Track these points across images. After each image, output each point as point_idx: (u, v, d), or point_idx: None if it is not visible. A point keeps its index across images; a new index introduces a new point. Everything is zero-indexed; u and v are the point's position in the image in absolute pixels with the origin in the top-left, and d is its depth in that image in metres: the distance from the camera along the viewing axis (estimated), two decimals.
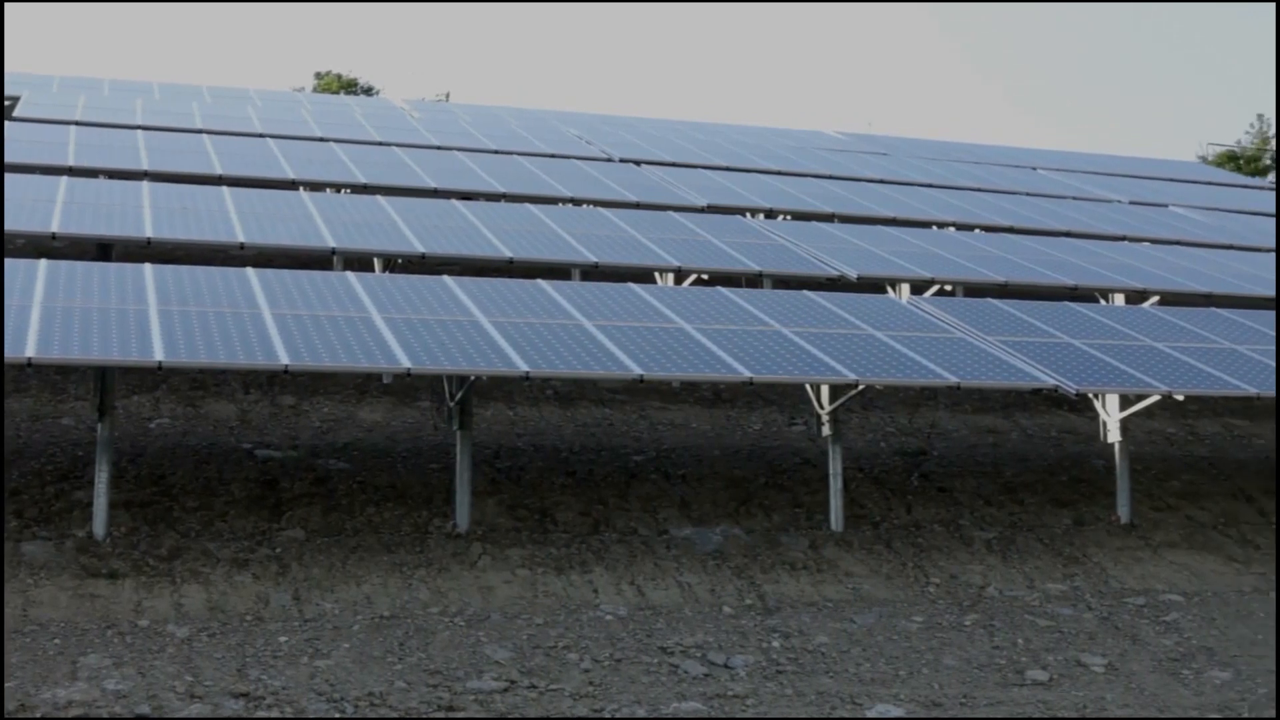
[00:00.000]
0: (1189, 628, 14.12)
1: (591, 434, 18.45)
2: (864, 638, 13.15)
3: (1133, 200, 35.17)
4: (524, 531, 15.01)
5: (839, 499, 16.10)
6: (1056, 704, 11.70)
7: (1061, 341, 17.99)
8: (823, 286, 21.29)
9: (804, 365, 15.60)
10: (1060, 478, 18.57)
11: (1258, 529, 17.56)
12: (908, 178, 34.47)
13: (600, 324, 16.16)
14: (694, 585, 14.21)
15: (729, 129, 43.09)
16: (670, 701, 11.21)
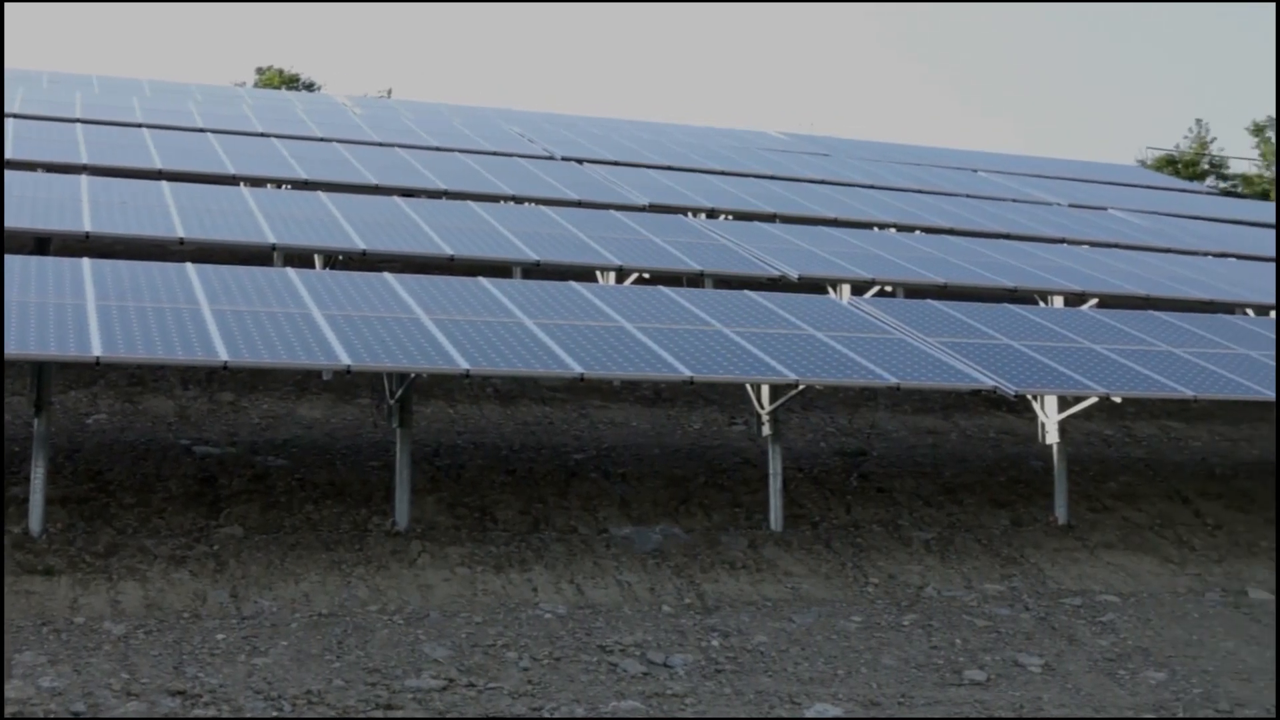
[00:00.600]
0: (1125, 628, 14.21)
1: (532, 432, 18.44)
2: (803, 637, 13.18)
3: (1072, 203, 35.38)
4: (463, 530, 14.98)
5: (778, 499, 16.13)
6: (994, 704, 11.76)
7: (1001, 343, 18.08)
8: (764, 286, 21.33)
9: (745, 365, 15.62)
10: (998, 478, 18.66)
11: (1193, 530, 17.69)
12: (849, 178, 34.58)
13: (541, 322, 16.14)
14: (633, 584, 14.21)
15: (672, 128, 43.14)
16: (609, 700, 11.21)
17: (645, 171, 31.42)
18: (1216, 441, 21.98)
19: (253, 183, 25.18)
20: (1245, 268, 28.30)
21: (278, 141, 29.55)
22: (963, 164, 41.05)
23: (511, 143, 33.99)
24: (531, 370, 14.60)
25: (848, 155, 39.81)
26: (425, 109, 41.74)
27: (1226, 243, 31.78)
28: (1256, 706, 12.08)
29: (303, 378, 19.23)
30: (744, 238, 23.95)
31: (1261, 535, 17.74)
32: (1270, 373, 18.42)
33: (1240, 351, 19.26)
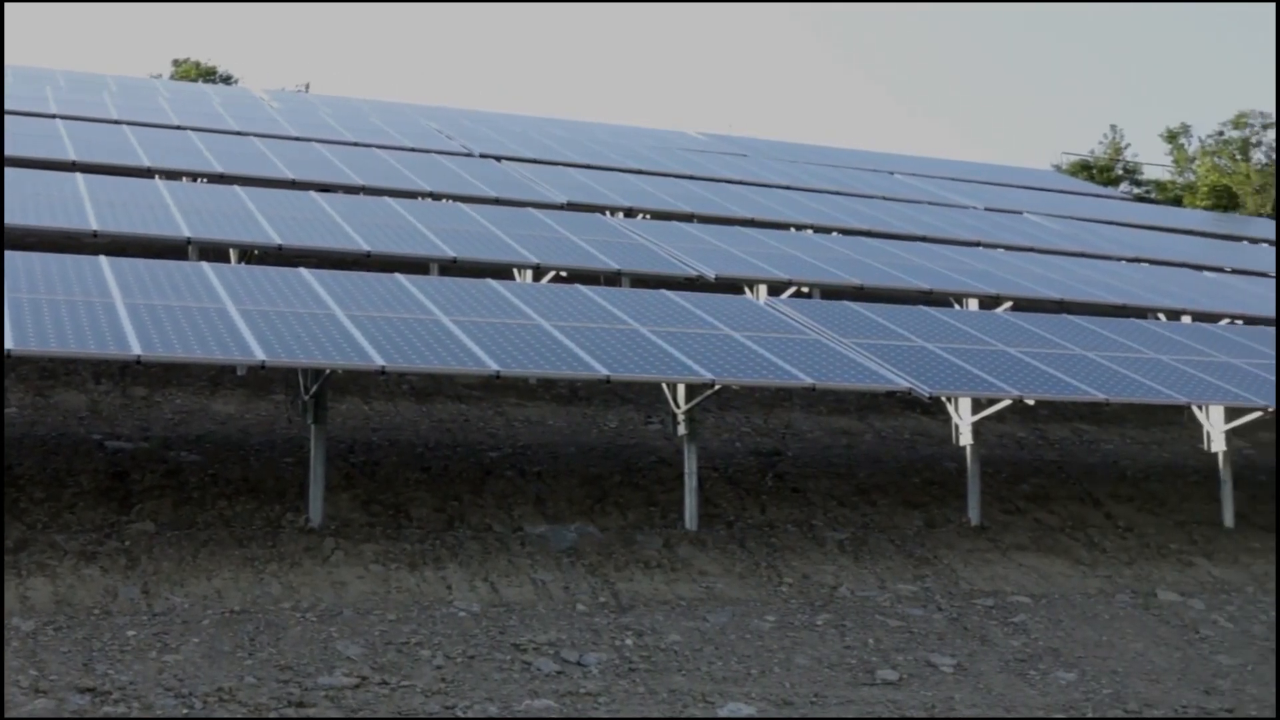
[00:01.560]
0: (1036, 629, 14.32)
1: (447, 430, 18.39)
2: (717, 636, 13.20)
3: (988, 207, 35.64)
4: (378, 527, 14.92)
5: (694, 498, 16.16)
6: (906, 704, 11.83)
7: (916, 345, 18.17)
8: (681, 286, 21.35)
9: (661, 364, 15.64)
10: (912, 479, 18.75)
11: (1104, 532, 17.84)
12: (767, 179, 34.71)
13: (458, 320, 16.10)
14: (548, 583, 14.19)
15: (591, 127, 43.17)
16: (523, 699, 11.20)
17: (564, 170, 31.42)
18: (1128, 444, 22.18)
19: (168, 176, 25.00)
20: (1158, 273, 28.60)
21: (194, 135, 29.36)
22: (880, 166, 41.27)
23: (430, 139, 33.92)
24: (448, 367, 14.56)
25: (766, 156, 39.96)
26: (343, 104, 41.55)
27: (1140, 248, 32.11)
28: (1165, 707, 12.21)
29: (217, 373, 19.10)
30: (662, 237, 23.98)
31: (1171, 538, 17.93)
32: (1180, 375, 18.61)
33: (1151, 355, 19.45)
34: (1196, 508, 19.12)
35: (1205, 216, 44.80)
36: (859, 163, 41.66)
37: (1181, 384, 18.31)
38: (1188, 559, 17.31)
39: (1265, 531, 18.64)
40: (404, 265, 21.04)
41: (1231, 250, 35.95)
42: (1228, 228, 41.41)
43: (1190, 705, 12.35)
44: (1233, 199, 50.08)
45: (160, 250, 21.32)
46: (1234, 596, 16.22)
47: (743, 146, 42.12)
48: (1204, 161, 54.07)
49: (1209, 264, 31.44)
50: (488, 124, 39.22)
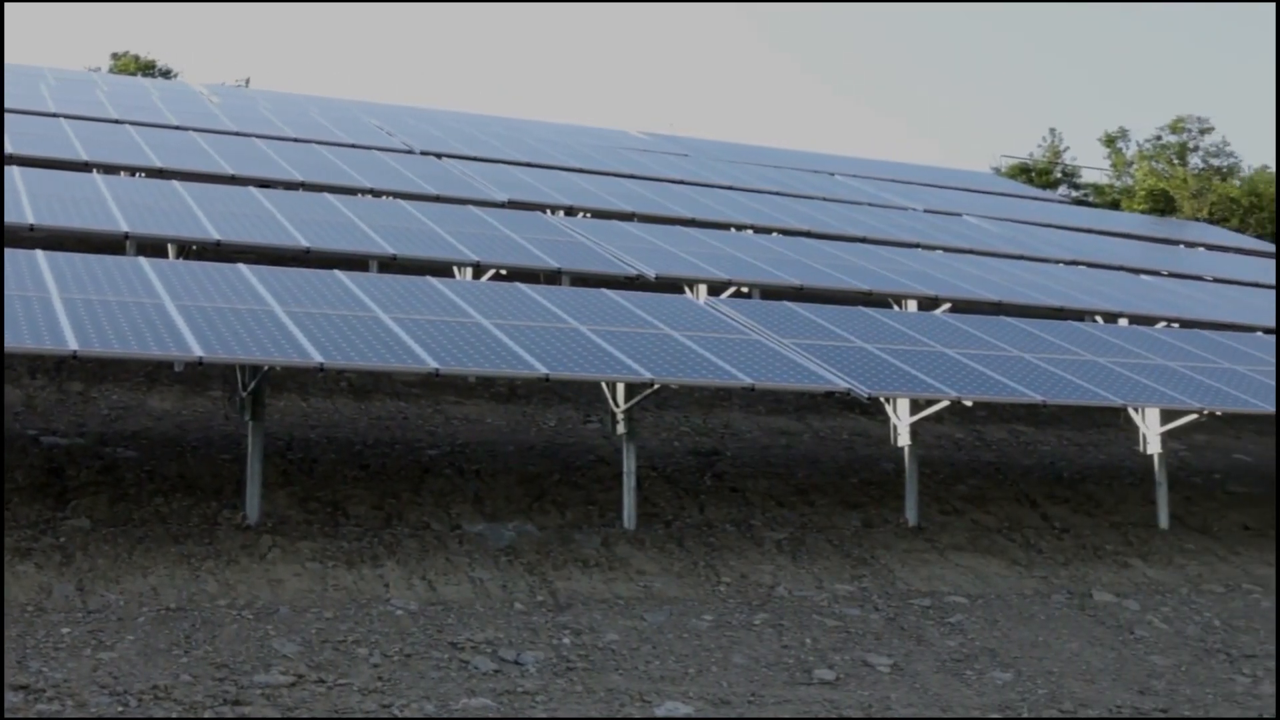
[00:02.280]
0: (972, 629, 14.38)
1: (386, 427, 18.34)
2: (654, 635, 13.21)
3: (927, 209, 35.78)
4: (315, 524, 14.87)
5: (632, 497, 16.16)
6: (843, 703, 11.86)
7: (855, 345, 18.23)
8: (621, 285, 21.35)
9: (600, 363, 15.63)
10: (850, 480, 18.81)
11: (1040, 533, 17.94)
12: (708, 179, 34.74)
13: (397, 317, 16.06)
14: (486, 581, 14.17)
15: (533, 125, 43.12)
16: (460, 698, 11.18)
17: (505, 168, 31.38)
18: (1064, 446, 22.31)
19: (106, 170, 24.84)
20: (1095, 275, 28.76)
21: (132, 129, 29.18)
22: (820, 167, 41.36)
23: (370, 136, 33.80)
24: (386, 365, 14.52)
25: (708, 156, 40.01)
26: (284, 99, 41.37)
27: (1078, 251, 32.30)
28: (1099, 707, 12.29)
29: (154, 369, 18.99)
30: (602, 236, 23.97)
31: (1106, 539, 18.04)
32: (1116, 378, 18.73)
33: (1088, 358, 19.57)
34: (1132, 509, 19.25)
35: (1142, 220, 45.08)
36: (800, 163, 41.75)
37: (1118, 386, 18.42)
38: (1123, 560, 17.42)
39: (1199, 533, 18.79)
40: (343, 262, 20.97)
41: (1168, 254, 36.21)
42: (1165, 232, 41.69)
43: (1125, 705, 12.42)
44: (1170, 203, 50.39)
45: (98, 245, 21.17)
46: (1168, 598, 16.34)
47: (684, 146, 42.15)
48: (1142, 165, 54.40)
49: (1146, 268, 31.66)
50: (429, 121, 39.13)
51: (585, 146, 37.49)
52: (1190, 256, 36.84)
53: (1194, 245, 39.56)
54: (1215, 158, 54.94)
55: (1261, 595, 16.84)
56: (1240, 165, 54.38)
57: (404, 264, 21.20)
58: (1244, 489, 21.28)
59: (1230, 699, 12.93)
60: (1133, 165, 55.29)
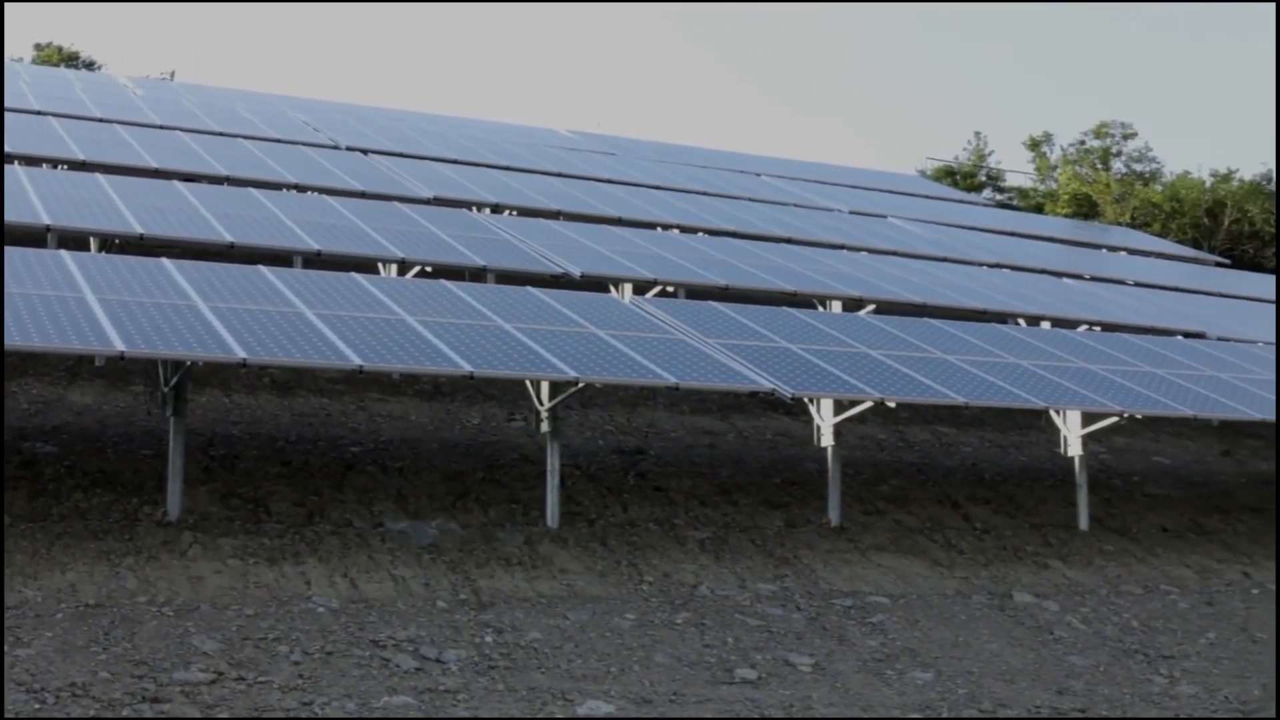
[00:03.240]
0: (894, 629, 14.45)
1: (309, 424, 18.26)
2: (577, 634, 13.21)
3: (853, 210, 35.94)
4: (236, 521, 14.78)
5: (556, 495, 16.15)
6: (764, 702, 11.89)
7: (780, 346, 18.28)
8: (547, 283, 21.34)
9: (525, 361, 15.62)
10: (774, 480, 18.86)
11: (962, 534, 18.04)
12: (635, 178, 34.77)
13: (321, 313, 15.99)
14: (408, 579, 14.13)
15: (459, 122, 43.02)
16: (381, 695, 11.15)
17: (431, 164, 31.32)
18: (986, 447, 22.44)
19: (28, 162, 24.62)
20: (1018, 278, 28.98)
21: (55, 120, 28.93)
22: (747, 168, 41.46)
23: (297, 131, 33.64)
24: (310, 361, 14.45)
25: (635, 155, 40.03)
26: (209, 93, 41.11)
27: (1001, 254, 32.52)
28: (1019, 707, 12.37)
29: (75, 363, 18.84)
30: (528, 234, 23.97)
31: (1027, 540, 18.15)
32: (1038, 380, 18.86)
33: (1011, 360, 19.69)
34: (1052, 511, 19.38)
35: (1066, 224, 45.43)
36: (727, 164, 41.83)
37: (1040, 388, 18.55)
38: (1043, 561, 17.54)
39: (1118, 535, 18.94)
40: (267, 257, 20.88)
41: (1091, 258, 36.53)
42: (1087, 236, 42.06)
43: (1043, 705, 12.51)
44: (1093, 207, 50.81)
45: (19, 238, 20.95)
46: (1088, 598, 16.46)
47: (611, 145, 42.16)
48: (1065, 170, 54.84)
49: (1069, 271, 31.92)
50: (356, 117, 38.97)
51: (513, 145, 37.44)
52: (1112, 260, 37.16)
53: (1116, 249, 39.92)
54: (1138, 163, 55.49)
55: (1179, 596, 17.00)
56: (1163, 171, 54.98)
57: (329, 260, 21.11)
58: (1162, 491, 21.47)
59: (1147, 699, 13.05)
60: (1057, 169, 55.74)
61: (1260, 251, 49.07)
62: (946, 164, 56.93)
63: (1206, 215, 49.66)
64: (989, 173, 57.59)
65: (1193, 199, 49.93)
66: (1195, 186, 50.70)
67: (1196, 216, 49.57)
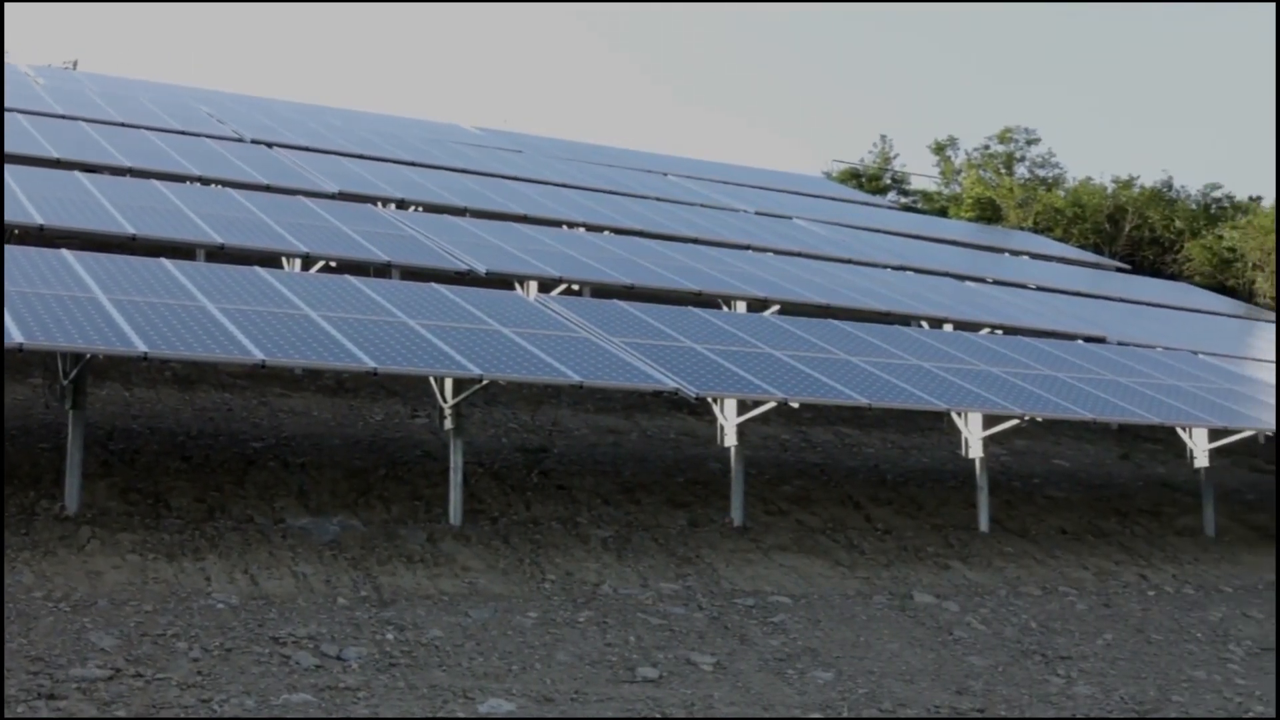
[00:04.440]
0: (795, 629, 14.50)
1: (210, 419, 18.12)
2: (478, 632, 13.18)
3: (759, 211, 36.04)
4: (136, 516, 14.65)
5: (459, 493, 16.10)
6: (666, 701, 11.90)
7: (684, 345, 18.31)
8: (452, 280, 21.28)
9: (429, 358, 15.57)
10: (677, 479, 18.89)
11: (863, 535, 18.13)
12: (542, 176, 34.72)
13: (224, 307, 15.87)
14: (309, 575, 14.05)
15: (366, 116, 42.81)
16: (280, 693, 11.07)
17: (337, 159, 31.15)
18: (888, 449, 22.57)
19: None
20: (922, 281, 29.16)
21: None
22: (654, 167, 41.51)
23: (201, 123, 33.36)
24: (212, 355, 14.34)
25: (541, 153, 39.98)
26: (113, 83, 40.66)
27: (905, 256, 32.71)
28: (918, 707, 12.44)
29: None
30: (434, 230, 23.89)
31: (928, 541, 18.27)
32: (941, 382, 18.98)
33: (914, 362, 19.81)
34: (953, 512, 19.52)
35: (969, 228, 45.78)
36: (634, 163, 41.86)
37: (942, 390, 18.68)
38: (943, 562, 17.66)
39: (1018, 536, 19.10)
40: (170, 250, 20.68)
41: (993, 262, 36.79)
42: (990, 239, 42.38)
43: (943, 705, 12.59)
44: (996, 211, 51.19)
45: None
46: (987, 599, 16.59)
47: (518, 142, 42.09)
48: (970, 174, 55.23)
49: (971, 274, 32.15)
50: (261, 110, 38.70)
51: (419, 140, 37.32)
52: (1015, 264, 37.47)
53: (1019, 253, 40.25)
54: (1041, 168, 55.99)
55: (1077, 598, 17.16)
56: (1065, 176, 55.48)
57: (232, 253, 20.95)
58: (1062, 494, 21.67)
59: (1045, 699, 13.16)
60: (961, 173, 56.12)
61: (1160, 257, 49.61)
62: (852, 166, 57.20)
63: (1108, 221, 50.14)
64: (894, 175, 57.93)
65: (1094, 205, 50.41)
66: (1097, 192, 51.18)
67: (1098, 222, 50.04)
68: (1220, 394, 22.24)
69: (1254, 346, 30.84)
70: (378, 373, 15.03)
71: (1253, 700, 13.89)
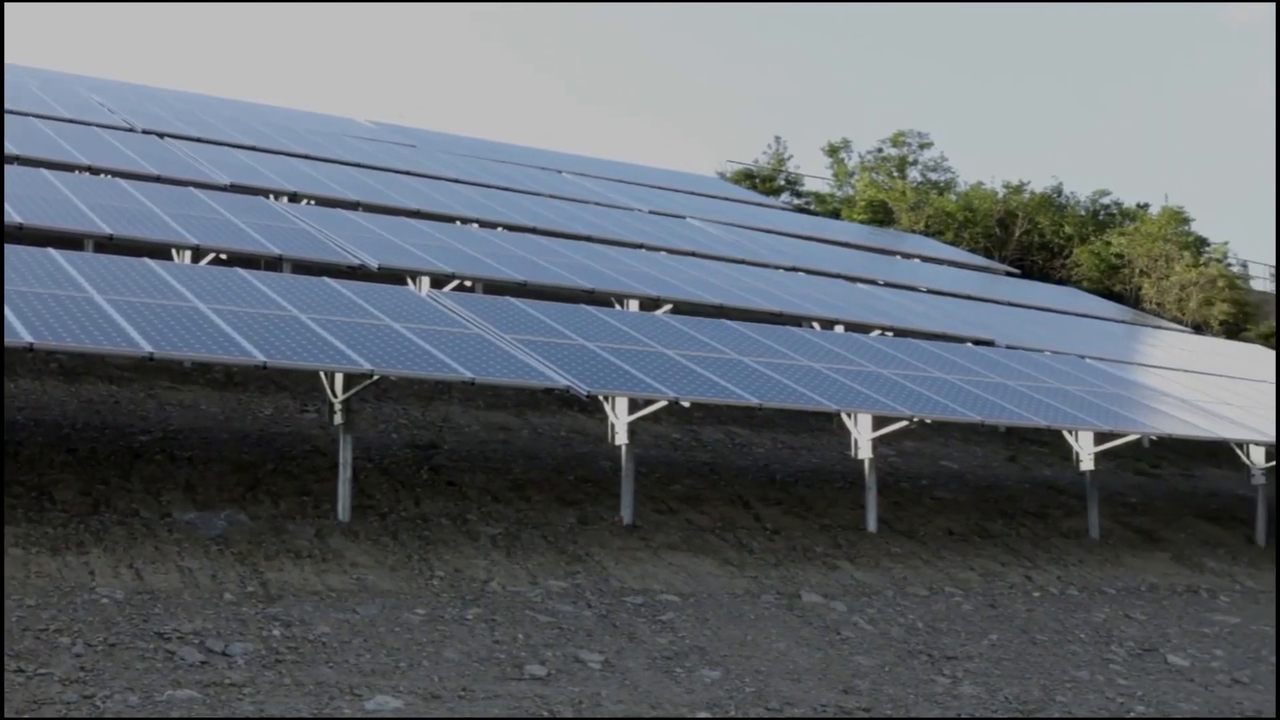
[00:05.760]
0: (683, 627, 14.53)
1: (96, 411, 17.93)
2: (366, 628, 13.11)
3: (653, 210, 36.09)
4: (19, 509, 14.46)
5: (348, 488, 16.02)
6: (554, 699, 11.90)
7: (576, 344, 18.30)
8: (344, 274, 21.18)
9: (320, 352, 15.48)
10: (568, 477, 18.88)
11: (752, 534, 18.19)
12: (436, 172, 34.62)
13: (112, 298, 15.71)
14: (195, 570, 13.92)
15: (259, 109, 42.47)
16: (165, 689, 10.97)
17: (228, 150, 30.92)
18: (779, 449, 22.67)
19: None
20: (814, 282, 29.32)
21: None
22: (549, 165, 41.47)
23: (92, 112, 32.98)
24: (99, 347, 14.18)
25: (436, 149, 39.85)
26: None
27: (798, 257, 32.88)
28: (805, 706, 12.51)
29: None
30: (326, 224, 23.76)
31: (816, 541, 18.36)
32: (831, 383, 19.09)
33: (805, 363, 19.91)
34: (842, 513, 19.63)
35: (862, 230, 46.07)
36: (529, 160, 41.82)
37: (832, 391, 18.78)
38: (832, 562, 17.76)
39: (905, 537, 19.24)
40: (58, 240, 20.42)
41: (885, 264, 37.06)
42: (882, 242, 42.67)
43: (829, 704, 12.67)
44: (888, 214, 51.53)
45: None
46: (874, 599, 16.69)
47: (413, 137, 41.92)
48: (863, 176, 55.56)
49: (863, 276, 32.36)
50: (153, 100, 38.31)
51: (312, 133, 37.09)
52: (906, 267, 37.76)
53: (910, 256, 40.57)
54: (933, 172, 56.43)
55: (963, 598, 17.31)
56: (957, 180, 55.94)
57: (121, 244, 20.74)
58: (949, 495, 21.85)
59: (930, 699, 13.27)
60: (854, 176, 56.43)
61: (1049, 262, 50.16)
62: (747, 167, 57.35)
63: (998, 225, 50.63)
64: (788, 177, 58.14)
65: (985, 209, 50.89)
66: (988, 197, 51.67)
67: (989, 226, 50.52)
68: (1106, 398, 22.51)
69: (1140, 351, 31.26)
70: (267, 367, 14.92)
71: (1134, 700, 14.08)
